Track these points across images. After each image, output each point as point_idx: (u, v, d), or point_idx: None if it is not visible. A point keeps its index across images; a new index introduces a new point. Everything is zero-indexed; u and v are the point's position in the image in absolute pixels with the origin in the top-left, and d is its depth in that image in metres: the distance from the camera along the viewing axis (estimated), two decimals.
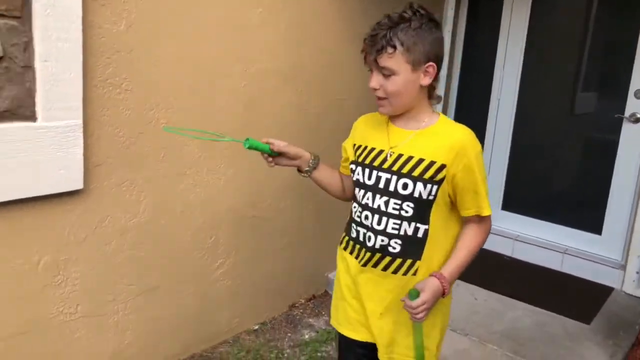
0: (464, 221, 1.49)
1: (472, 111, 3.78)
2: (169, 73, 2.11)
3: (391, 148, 1.45)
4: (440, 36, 1.41)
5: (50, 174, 1.78)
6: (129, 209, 2.08)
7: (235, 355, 2.47)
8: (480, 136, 3.64)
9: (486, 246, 3.68)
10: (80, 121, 1.83)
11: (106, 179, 1.98)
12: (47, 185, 1.80)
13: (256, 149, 1.50)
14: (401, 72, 1.36)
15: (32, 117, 1.74)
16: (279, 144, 1.53)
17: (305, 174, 1.60)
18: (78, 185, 1.86)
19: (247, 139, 1.48)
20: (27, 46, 1.70)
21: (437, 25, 1.40)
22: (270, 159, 1.55)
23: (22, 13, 1.68)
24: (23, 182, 1.74)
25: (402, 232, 1.43)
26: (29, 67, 1.72)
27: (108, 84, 1.92)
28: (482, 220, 1.46)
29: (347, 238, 1.58)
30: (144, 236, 2.15)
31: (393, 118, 1.49)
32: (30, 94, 1.73)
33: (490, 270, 3.27)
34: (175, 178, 2.21)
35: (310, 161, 1.58)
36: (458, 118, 3.85)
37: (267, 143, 1.52)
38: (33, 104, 1.74)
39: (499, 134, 3.65)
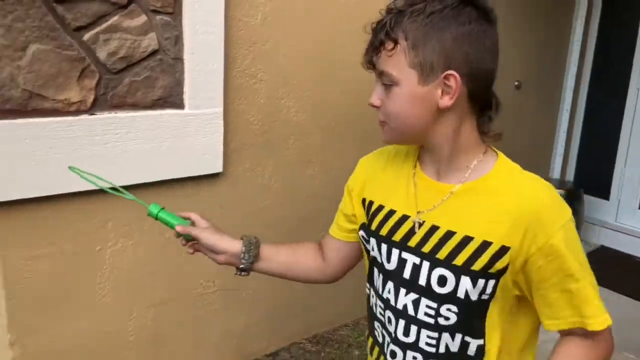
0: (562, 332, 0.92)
1: (606, 102, 3.52)
2: (297, 64, 2.19)
3: (419, 213, 0.93)
4: (480, 31, 0.84)
5: (195, 157, 1.94)
6: (261, 193, 2.19)
7: (355, 338, 2.52)
8: (616, 128, 3.42)
9: (620, 248, 3.42)
10: (221, 109, 1.97)
11: (241, 164, 2.11)
12: (192, 168, 1.95)
13: (158, 219, 1.07)
14: (403, 82, 0.86)
15: (180, 105, 1.90)
16: (199, 224, 1.07)
17: (242, 273, 1.09)
18: (218, 168, 2.00)
19: (153, 205, 1.06)
20: (178, 39, 1.86)
21: (482, 14, 0.84)
22: (185, 242, 1.09)
23: (174, 9, 1.84)
24: (172, 164, 1.90)
25: (441, 350, 0.92)
26: (178, 59, 1.88)
27: (245, 74, 2.05)
28: (593, 334, 0.87)
29: (370, 339, 1.09)
30: (274, 219, 2.26)
31: (422, 159, 0.97)
32: (179, 83, 1.89)
33: (624, 274, 3.03)
34: (301, 165, 2.30)
35: (243, 255, 1.07)
36: (590, 111, 3.60)
37: (188, 218, 1.08)
38: (181, 93, 1.90)
39: (638, 125, 3.36)
